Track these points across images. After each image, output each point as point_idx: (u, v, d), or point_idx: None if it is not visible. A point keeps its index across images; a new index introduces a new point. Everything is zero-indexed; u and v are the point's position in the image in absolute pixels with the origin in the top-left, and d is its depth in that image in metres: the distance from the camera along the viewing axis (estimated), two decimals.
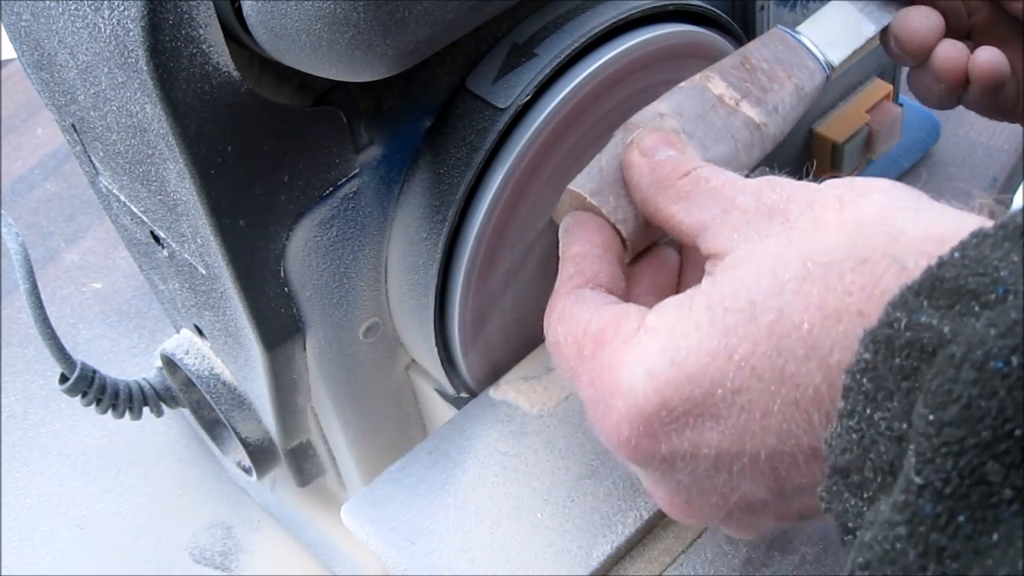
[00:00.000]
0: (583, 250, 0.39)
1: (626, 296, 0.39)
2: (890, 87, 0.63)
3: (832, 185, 0.32)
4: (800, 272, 0.30)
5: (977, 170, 0.73)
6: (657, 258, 0.41)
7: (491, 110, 0.41)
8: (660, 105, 0.41)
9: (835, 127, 0.61)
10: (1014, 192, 0.76)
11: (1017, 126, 0.75)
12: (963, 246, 0.26)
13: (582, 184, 0.40)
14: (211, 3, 0.34)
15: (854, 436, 0.27)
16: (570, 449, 0.44)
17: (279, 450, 0.52)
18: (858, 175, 0.66)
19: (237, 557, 0.63)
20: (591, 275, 0.38)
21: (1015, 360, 0.22)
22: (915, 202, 0.31)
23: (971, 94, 0.46)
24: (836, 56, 0.44)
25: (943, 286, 0.25)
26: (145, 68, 0.34)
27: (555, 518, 0.42)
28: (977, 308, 0.24)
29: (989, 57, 0.45)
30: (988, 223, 0.27)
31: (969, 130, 0.75)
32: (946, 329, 0.24)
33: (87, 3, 0.35)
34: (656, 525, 0.43)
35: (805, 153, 0.62)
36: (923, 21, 0.45)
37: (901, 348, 0.25)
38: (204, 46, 0.34)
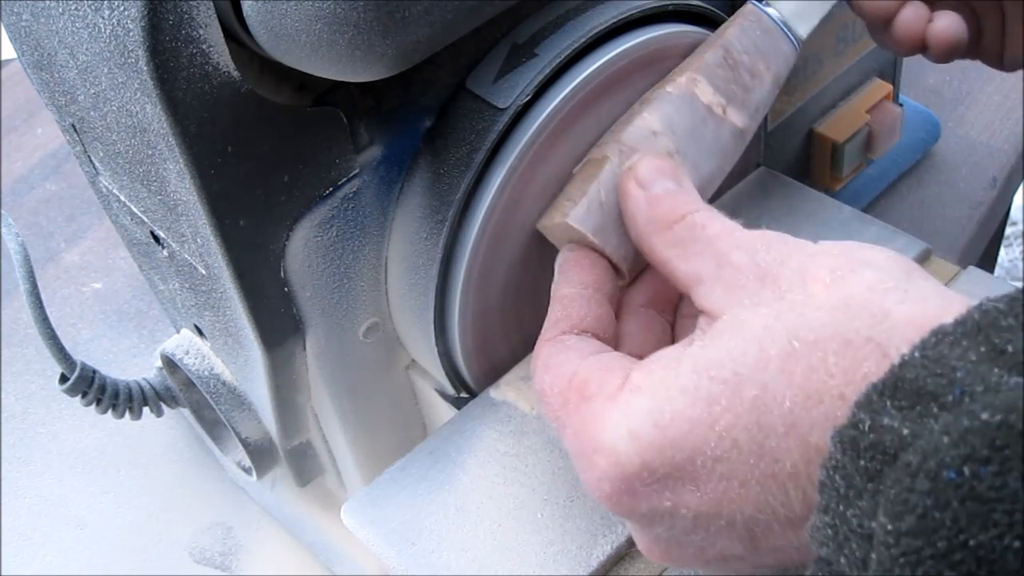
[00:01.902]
0: (572, 292, 0.39)
1: (619, 313, 0.40)
2: (890, 87, 0.63)
3: (827, 253, 0.32)
4: (785, 348, 0.30)
5: (977, 170, 0.73)
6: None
7: (491, 110, 0.41)
8: (653, 121, 0.41)
9: (835, 127, 0.61)
10: (1014, 192, 0.76)
11: (1017, 126, 0.75)
12: (923, 344, 0.26)
13: (583, 220, 0.40)
14: (211, 3, 0.34)
15: (829, 532, 0.27)
16: None
17: (279, 450, 0.52)
18: (858, 175, 0.66)
19: (237, 557, 0.63)
20: (577, 319, 0.38)
21: (967, 470, 0.22)
22: (905, 282, 0.31)
23: (930, 55, 0.47)
24: (804, 29, 0.45)
25: (904, 387, 0.26)
26: (145, 68, 0.34)
27: (555, 518, 0.42)
28: (936, 410, 0.25)
29: (947, 25, 0.45)
30: (968, 307, 0.27)
31: (969, 130, 0.75)
32: (906, 432, 0.25)
33: (87, 3, 0.35)
34: None
35: (805, 153, 0.62)
36: None
37: (865, 450, 0.26)
38: (204, 46, 0.34)
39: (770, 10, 0.44)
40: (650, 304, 0.41)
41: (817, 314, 0.30)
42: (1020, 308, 0.25)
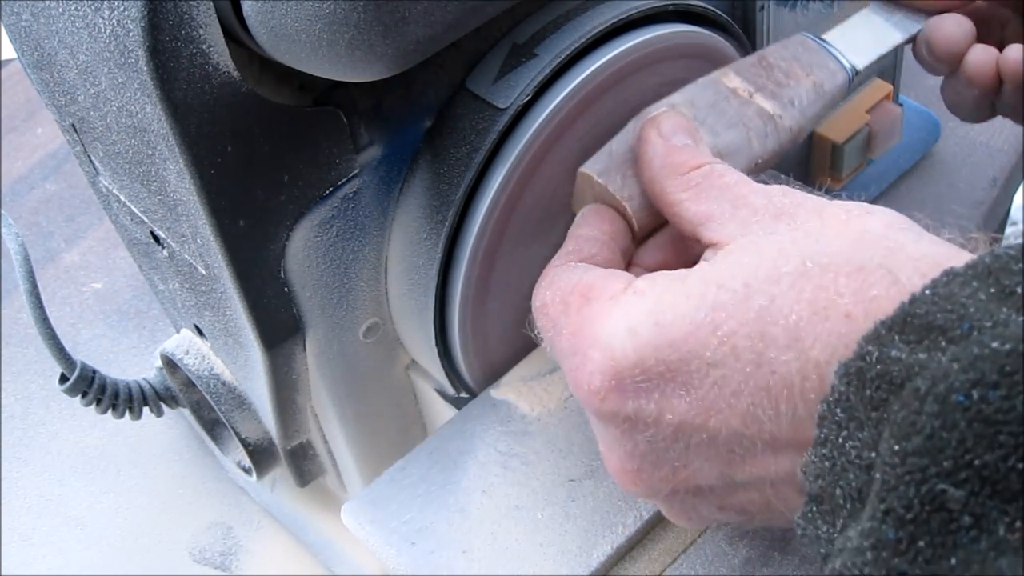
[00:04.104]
0: (588, 233, 0.40)
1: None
2: (890, 87, 0.63)
3: (842, 201, 0.34)
4: (799, 268, 0.31)
5: (977, 170, 0.73)
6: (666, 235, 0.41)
7: (491, 110, 0.41)
8: (674, 97, 0.42)
9: (835, 127, 0.61)
10: (1014, 192, 0.76)
11: (1017, 126, 0.75)
12: (934, 284, 0.27)
13: (591, 165, 0.41)
14: (211, 3, 0.34)
15: (826, 464, 0.28)
16: (570, 449, 0.44)
17: (279, 450, 0.52)
18: (858, 175, 0.66)
19: (237, 557, 0.63)
20: (588, 254, 0.39)
21: (975, 394, 0.23)
22: (917, 228, 0.32)
23: (1005, 95, 0.47)
24: (860, 61, 0.45)
25: (914, 322, 0.26)
26: (145, 68, 0.34)
27: (555, 518, 0.42)
28: (944, 343, 0.25)
29: (1019, 54, 0.45)
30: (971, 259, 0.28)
31: (969, 130, 0.75)
32: (914, 363, 0.25)
33: (87, 3, 0.35)
34: (656, 525, 0.43)
35: (805, 153, 0.62)
36: (955, 29, 0.46)
37: (872, 380, 0.26)
38: (204, 46, 0.34)
39: (822, 41, 0.44)
40: (659, 267, 0.41)
41: (833, 241, 0.31)
42: None
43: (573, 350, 0.34)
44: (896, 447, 0.24)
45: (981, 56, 0.46)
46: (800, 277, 0.30)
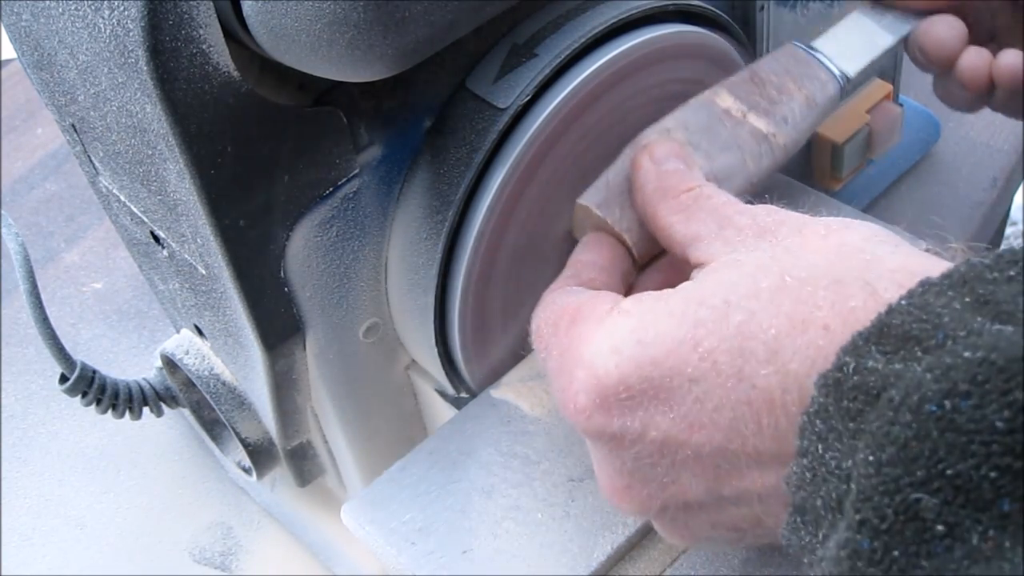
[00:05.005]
0: (587, 258, 0.41)
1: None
2: (890, 87, 0.63)
3: (823, 218, 0.34)
4: (777, 283, 0.31)
5: (977, 170, 0.73)
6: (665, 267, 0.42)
7: (491, 110, 0.41)
8: (666, 121, 0.42)
9: (835, 127, 0.61)
10: (1014, 192, 0.76)
11: (1017, 126, 0.75)
12: (910, 294, 0.27)
13: (589, 197, 0.42)
14: (211, 3, 0.34)
15: (807, 475, 0.28)
16: (570, 449, 0.44)
17: (279, 450, 0.52)
18: (858, 175, 0.66)
19: (237, 557, 0.63)
20: (586, 279, 0.39)
21: (948, 404, 0.23)
22: (896, 240, 0.32)
23: (997, 97, 0.46)
24: (851, 67, 0.45)
25: (890, 332, 0.27)
26: (145, 68, 0.34)
27: (555, 518, 0.42)
28: (919, 353, 0.26)
29: (1012, 60, 0.45)
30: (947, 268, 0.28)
31: (969, 130, 0.75)
32: (890, 373, 0.26)
33: (87, 3, 0.35)
34: None
35: (805, 153, 0.62)
36: (947, 31, 0.46)
37: (849, 391, 0.26)
38: (204, 46, 0.34)
39: (811, 50, 0.44)
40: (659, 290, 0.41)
41: (812, 256, 0.32)
42: (1004, 263, 0.26)
43: (560, 370, 0.35)
44: (871, 457, 0.24)
45: (975, 60, 0.46)
46: (778, 292, 0.31)
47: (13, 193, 0.86)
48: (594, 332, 0.34)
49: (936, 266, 0.30)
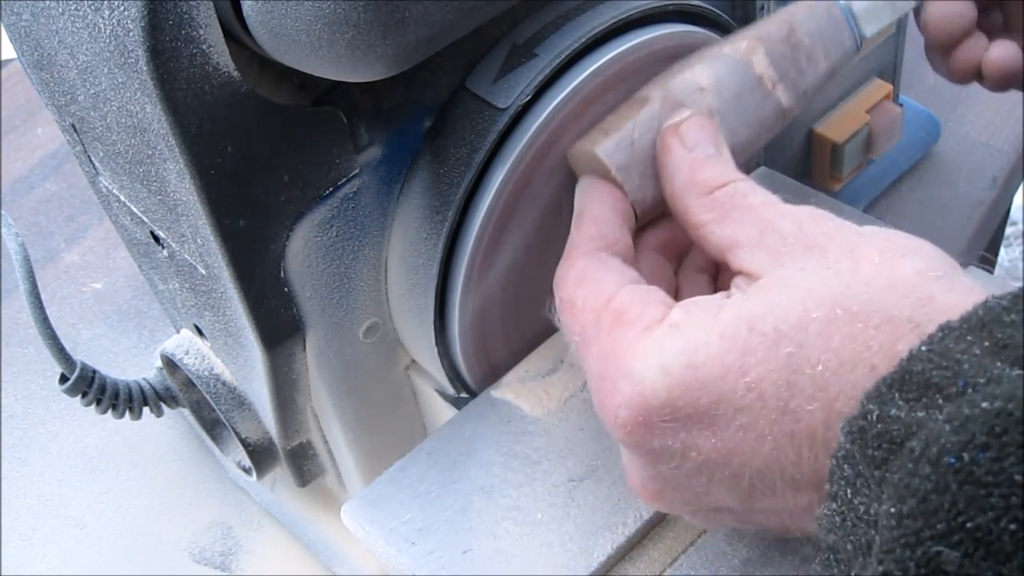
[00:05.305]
0: (603, 213, 0.39)
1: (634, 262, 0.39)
2: (890, 87, 0.63)
3: (876, 235, 0.33)
4: (828, 315, 0.31)
5: (977, 170, 0.73)
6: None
7: (491, 110, 0.41)
8: (702, 77, 0.41)
9: (835, 127, 0.61)
10: (1014, 192, 0.76)
11: (1017, 126, 0.75)
12: (930, 339, 0.27)
13: (610, 154, 0.39)
14: (211, 3, 0.34)
15: (837, 519, 0.28)
16: (570, 449, 0.44)
17: (279, 450, 0.52)
18: (858, 175, 0.66)
19: (237, 557, 0.63)
20: (612, 240, 0.38)
21: (966, 456, 0.23)
22: (951, 273, 0.31)
23: (985, 83, 0.47)
24: (870, 29, 0.44)
25: (912, 379, 0.26)
26: (145, 68, 0.34)
27: (555, 518, 0.42)
28: (940, 401, 0.25)
29: (1001, 53, 0.45)
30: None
31: (969, 130, 0.75)
32: (912, 422, 0.26)
33: (87, 3, 0.35)
34: (656, 525, 0.43)
35: (805, 153, 0.62)
36: (956, 20, 0.46)
37: (873, 439, 0.26)
38: (204, 46, 0.34)
39: (842, 2, 0.43)
40: (660, 249, 0.41)
41: (864, 288, 0.31)
42: (1022, 305, 0.26)
43: (602, 375, 0.34)
44: (892, 509, 0.24)
45: (971, 46, 0.46)
46: (828, 325, 0.30)
47: (13, 193, 0.86)
48: (642, 343, 0.33)
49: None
